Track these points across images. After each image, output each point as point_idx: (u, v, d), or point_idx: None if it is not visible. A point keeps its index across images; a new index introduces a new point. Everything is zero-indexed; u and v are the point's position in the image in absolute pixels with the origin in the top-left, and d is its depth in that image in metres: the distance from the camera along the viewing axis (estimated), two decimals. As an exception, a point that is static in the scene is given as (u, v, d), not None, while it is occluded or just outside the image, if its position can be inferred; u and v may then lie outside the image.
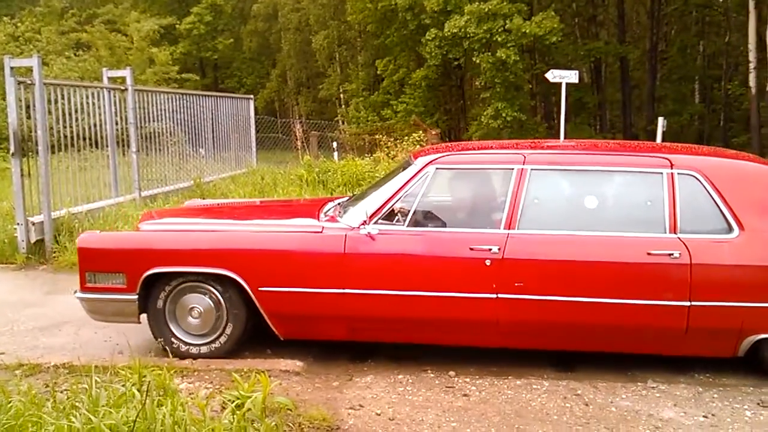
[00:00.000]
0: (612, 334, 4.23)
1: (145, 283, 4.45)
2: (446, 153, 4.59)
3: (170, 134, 11.15)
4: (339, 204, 5.05)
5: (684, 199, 4.14)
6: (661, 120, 10.71)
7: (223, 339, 4.52)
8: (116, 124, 9.51)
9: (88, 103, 8.92)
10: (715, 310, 4.04)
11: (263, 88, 43.01)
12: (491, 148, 4.96)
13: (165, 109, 10.95)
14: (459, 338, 4.43)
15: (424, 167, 4.40)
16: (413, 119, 25.56)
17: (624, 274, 4.10)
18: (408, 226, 4.31)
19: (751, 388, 4.10)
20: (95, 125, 9.10)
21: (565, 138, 11.90)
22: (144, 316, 4.61)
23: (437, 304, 4.22)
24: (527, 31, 24.35)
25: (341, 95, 38.34)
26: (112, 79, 9.93)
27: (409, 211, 4.33)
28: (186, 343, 4.55)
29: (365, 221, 4.29)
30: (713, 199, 4.14)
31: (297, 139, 13.52)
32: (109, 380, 3.68)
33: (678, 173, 4.20)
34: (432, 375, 4.31)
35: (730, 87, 30.31)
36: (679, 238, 4.09)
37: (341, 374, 4.33)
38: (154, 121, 10.66)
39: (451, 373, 4.33)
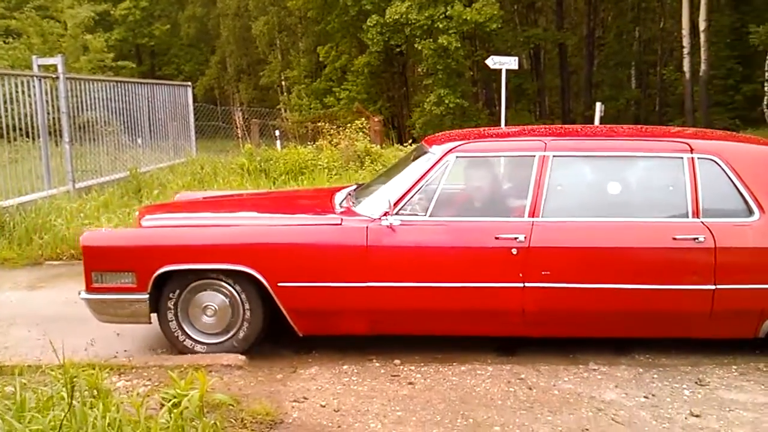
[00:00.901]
0: (638, 319, 4.23)
1: (155, 282, 4.25)
2: (466, 141, 4.46)
3: (105, 123, 10.80)
4: (349, 194, 4.92)
5: (705, 183, 4.15)
6: (598, 105, 10.88)
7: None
8: (48, 113, 9.16)
9: (17, 92, 8.56)
10: (739, 293, 4.08)
11: (202, 75, 42.16)
12: (509, 135, 4.87)
13: (99, 98, 10.61)
14: (483, 329, 4.38)
15: (444, 155, 4.30)
16: (356, 106, 25.47)
17: (650, 259, 4.12)
18: (430, 216, 4.21)
19: (689, 368, 4.18)
20: (26, 115, 8.76)
21: (505, 124, 12.00)
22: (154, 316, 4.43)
23: (462, 294, 4.16)
24: (468, 17, 24.47)
25: (283, 82, 37.89)
26: (43, 67, 9.54)
27: (430, 200, 4.23)
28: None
29: (387, 212, 4.18)
30: (733, 182, 4.16)
31: (238, 128, 13.27)
32: (41, 381, 3.53)
33: (698, 158, 4.20)
34: (377, 364, 4.28)
35: (665, 72, 31.13)
36: (702, 222, 4.11)
37: (285, 367, 4.26)
38: (88, 110, 10.31)
39: (396, 361, 4.30)
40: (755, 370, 4.13)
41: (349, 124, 13.10)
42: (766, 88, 25.07)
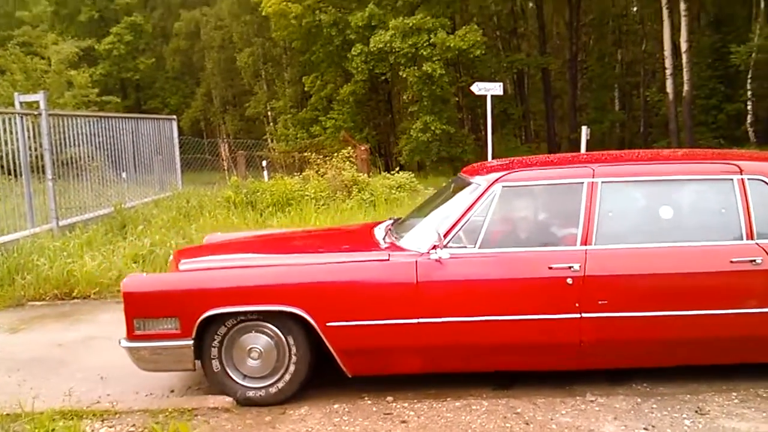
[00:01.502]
0: (697, 346, 4.15)
1: (199, 327, 4.10)
2: (510, 170, 4.36)
3: (89, 159, 10.69)
4: (389, 229, 4.82)
5: (756, 204, 4.10)
6: (584, 129, 10.89)
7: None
8: (31, 150, 9.05)
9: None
10: None
11: (188, 107, 42.29)
12: (554, 163, 4.76)
13: (83, 133, 10.50)
14: (539, 362, 4.26)
15: (490, 186, 4.22)
16: (342, 135, 25.48)
17: (708, 284, 4.05)
18: (479, 248, 4.11)
19: (688, 396, 4.09)
20: (8, 153, 8.64)
21: (491, 149, 11.99)
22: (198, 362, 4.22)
23: (517, 328, 4.04)
24: (452, 44, 24.67)
25: (269, 113, 37.99)
26: (25, 104, 9.44)
27: (478, 232, 4.13)
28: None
29: (435, 245, 4.07)
30: None
31: (224, 160, 13.20)
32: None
33: (748, 179, 4.16)
34: (369, 402, 4.16)
35: (648, 93, 31.43)
36: (757, 243, 4.05)
37: (274, 408, 4.13)
38: (71, 145, 10.20)
39: (389, 398, 4.19)
40: (755, 396, 4.04)
41: (335, 153, 13.04)
42: (749, 107, 25.34)
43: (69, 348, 5.44)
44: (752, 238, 4.07)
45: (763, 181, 4.16)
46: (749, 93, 25.13)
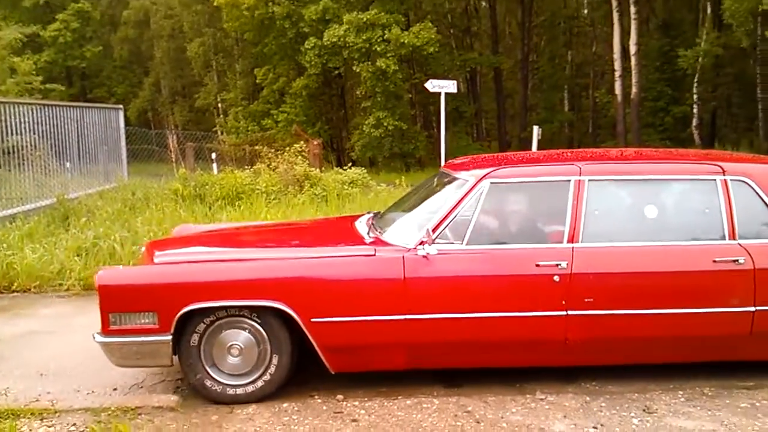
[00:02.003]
0: (680, 344, 4.20)
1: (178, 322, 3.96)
2: (498, 167, 4.31)
3: (32, 148, 10.33)
4: (371, 223, 4.71)
5: (738, 204, 4.16)
6: (536, 128, 10.99)
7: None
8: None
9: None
10: None
11: (135, 97, 41.33)
12: (540, 160, 4.77)
13: (26, 122, 10.16)
14: (524, 359, 4.26)
15: (478, 182, 4.17)
16: (294, 129, 25.25)
17: (692, 283, 4.10)
18: (467, 244, 4.07)
19: (636, 395, 4.13)
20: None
21: (445, 147, 12.01)
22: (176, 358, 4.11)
23: (504, 324, 4.03)
24: (406, 41, 24.66)
25: (219, 104, 37.44)
26: (-37, 90, 9.07)
27: (465, 228, 4.08)
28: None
29: (423, 241, 4.01)
30: (766, 203, 4.19)
31: (172, 151, 12.92)
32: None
33: (731, 179, 4.21)
34: (319, 400, 4.10)
35: (597, 95, 31.99)
36: (739, 244, 4.11)
37: (221, 406, 4.02)
38: (13, 134, 9.85)
39: (339, 396, 4.13)
40: (701, 395, 4.11)
41: (287, 147, 12.89)
42: (695, 110, 25.99)
43: (7, 343, 5.23)
44: (734, 238, 4.13)
45: (745, 182, 4.22)
46: (695, 96, 25.78)
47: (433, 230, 4.03)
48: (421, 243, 4.02)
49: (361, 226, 4.75)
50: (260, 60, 32.03)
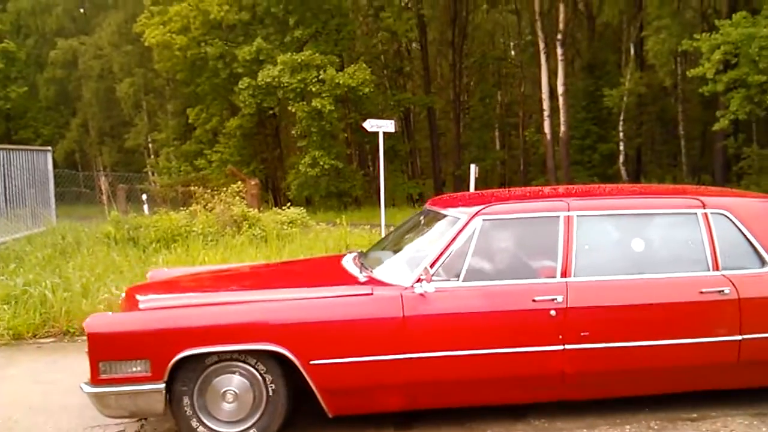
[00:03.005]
0: (674, 374, 4.25)
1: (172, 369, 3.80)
2: (489, 204, 4.33)
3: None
4: (360, 263, 4.64)
5: (719, 236, 4.27)
6: (473, 167, 11.14)
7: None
8: None
9: None
10: (763, 342, 4.17)
11: (62, 138, 40.25)
12: (528, 197, 4.81)
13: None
14: (522, 395, 4.25)
15: (471, 219, 4.19)
16: (229, 169, 25.00)
17: (681, 314, 4.17)
18: (463, 281, 4.06)
19: (585, 431, 4.13)
20: None
21: (384, 184, 12.03)
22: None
23: (502, 360, 4.01)
24: (341, 81, 24.88)
25: (150, 145, 36.84)
26: None
27: (461, 265, 4.07)
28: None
29: (420, 279, 3.98)
30: (744, 235, 4.30)
31: (102, 193, 12.55)
32: None
33: (711, 213, 4.33)
34: (265, 449, 3.94)
35: (527, 134, 32.85)
36: (723, 275, 4.20)
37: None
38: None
39: None
40: (647, 429, 4.12)
41: (223, 188, 12.69)
42: (621, 147, 26.93)
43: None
44: (718, 269, 4.24)
45: (724, 215, 4.35)
46: (621, 134, 26.73)
47: (431, 267, 4.02)
48: (419, 281, 4.01)
49: (350, 265, 4.71)
50: (192, 100, 31.76)
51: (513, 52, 35.96)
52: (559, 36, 25.07)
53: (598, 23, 31.30)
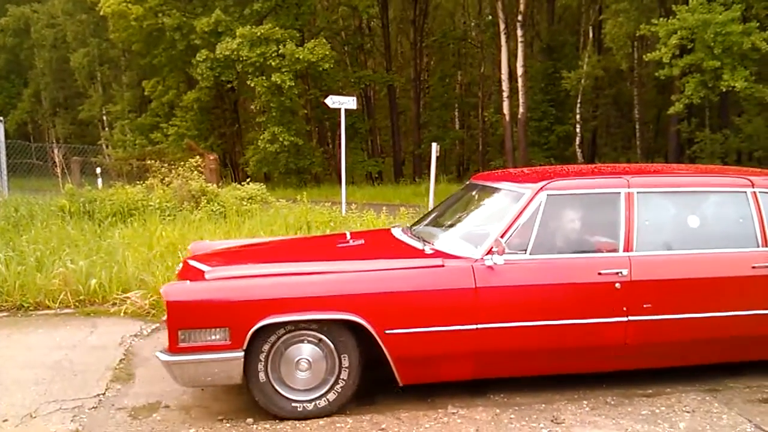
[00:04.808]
0: (727, 344, 4.45)
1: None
2: (552, 179, 4.43)
3: None
4: (416, 236, 4.79)
5: (767, 214, 4.48)
6: (434, 145, 11.18)
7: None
8: None
9: None
10: None
11: (14, 109, 39.09)
12: (588, 173, 4.87)
13: None
14: (584, 365, 4.41)
15: (536, 194, 4.30)
16: (187, 143, 24.64)
17: (735, 287, 4.38)
18: (530, 254, 4.19)
19: (543, 405, 4.22)
20: None
21: (345, 162, 12.01)
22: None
23: (568, 331, 4.18)
24: (301, 56, 24.61)
25: (104, 117, 36.03)
26: None
27: (527, 238, 4.20)
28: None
29: (491, 251, 4.09)
30: None
31: (57, 166, 12.24)
32: None
33: (759, 192, 4.55)
34: (228, 425, 3.94)
35: (486, 114, 33.01)
36: None
37: (124, 434, 3.81)
38: None
39: (249, 420, 3.99)
40: (604, 404, 4.24)
41: (180, 162, 12.49)
42: (577, 129, 27.28)
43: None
44: (766, 246, 4.47)
45: None
46: (578, 116, 27.07)
47: (496, 241, 4.12)
48: (489, 252, 4.11)
49: (406, 238, 4.84)
50: (149, 72, 31.15)
51: (473, 33, 35.96)
52: (520, 17, 25.17)
53: (557, 5, 31.53)
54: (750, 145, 23.16)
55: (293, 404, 4.01)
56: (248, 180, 13.27)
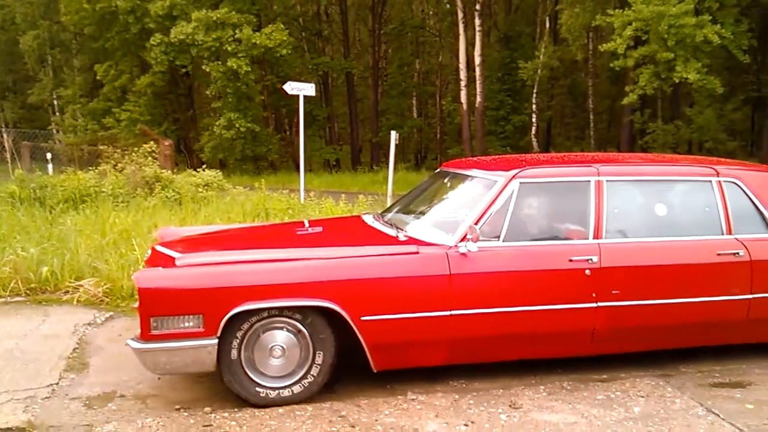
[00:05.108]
0: (692, 330, 4.54)
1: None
2: (524, 167, 4.46)
3: None
4: (388, 222, 4.82)
5: (731, 203, 4.60)
6: (393, 133, 11.15)
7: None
8: None
9: None
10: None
11: (-41, 92, 37.88)
12: (558, 162, 4.91)
13: None
14: (554, 350, 4.46)
15: (509, 181, 4.33)
16: (141, 129, 24.19)
17: (700, 274, 4.46)
18: (503, 241, 4.22)
19: (501, 391, 4.26)
20: None
21: (303, 149, 11.94)
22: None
23: (540, 317, 4.23)
24: (258, 42, 24.32)
25: (55, 101, 35.13)
26: None
27: (500, 226, 4.24)
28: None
29: (464, 238, 4.11)
30: (753, 202, 4.66)
31: (6, 151, 11.92)
32: None
33: (723, 181, 4.65)
34: (185, 414, 3.89)
35: (443, 103, 33.13)
36: (736, 238, 4.53)
37: (78, 425, 3.73)
38: None
39: (207, 409, 3.94)
40: (560, 389, 4.30)
41: (134, 148, 12.25)
42: (533, 119, 27.56)
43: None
44: (731, 233, 4.56)
45: (735, 183, 4.68)
46: (534, 106, 27.35)
47: (469, 229, 4.14)
48: (463, 240, 4.13)
49: (378, 225, 4.84)
50: (101, 55, 30.48)
51: (432, 21, 35.99)
52: (478, 6, 25.27)
53: (515, -5, 31.75)
54: (700, 136, 23.71)
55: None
56: (204, 167, 13.11)
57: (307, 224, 5.51)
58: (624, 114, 24.10)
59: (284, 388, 4.02)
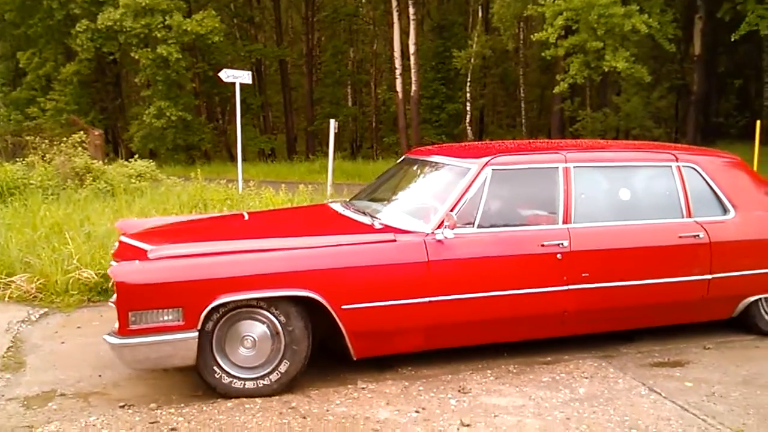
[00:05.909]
0: (656, 310, 4.72)
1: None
2: (496, 155, 4.52)
3: None
4: (360, 211, 4.80)
5: (690, 187, 4.76)
6: (332, 122, 11.13)
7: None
8: None
9: None
10: (726, 280, 4.74)
11: None
12: (528, 149, 4.99)
13: None
14: (528, 332, 4.56)
15: (482, 168, 4.39)
16: (70, 118, 23.38)
17: (664, 256, 4.62)
18: (478, 227, 4.30)
19: (450, 376, 4.31)
20: None
21: (240, 138, 11.75)
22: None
23: (514, 301, 4.32)
24: (189, 28, 23.82)
25: (-26, 90, 33.58)
26: None
27: (474, 212, 4.31)
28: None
29: (441, 225, 4.18)
30: (710, 186, 4.83)
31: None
32: None
33: (683, 166, 4.81)
34: (130, 411, 3.78)
35: (379, 92, 33.13)
36: (695, 221, 4.70)
37: (16, 426, 3.58)
38: None
39: (152, 405, 3.84)
40: (507, 372, 4.37)
41: (62, 138, 11.82)
42: (467, 108, 27.85)
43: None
44: (690, 216, 4.73)
45: (693, 168, 4.85)
46: (467, 95, 27.62)
47: (445, 216, 4.19)
48: (439, 227, 4.19)
49: (350, 213, 4.84)
50: (24, 43, 29.26)
51: (365, 9, 35.88)
52: (412, -5, 25.32)
53: (447, -16, 31.94)
54: (627, 123, 24.42)
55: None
56: (135, 157, 12.76)
57: (281, 212, 5.52)
58: (554, 102, 24.59)
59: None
